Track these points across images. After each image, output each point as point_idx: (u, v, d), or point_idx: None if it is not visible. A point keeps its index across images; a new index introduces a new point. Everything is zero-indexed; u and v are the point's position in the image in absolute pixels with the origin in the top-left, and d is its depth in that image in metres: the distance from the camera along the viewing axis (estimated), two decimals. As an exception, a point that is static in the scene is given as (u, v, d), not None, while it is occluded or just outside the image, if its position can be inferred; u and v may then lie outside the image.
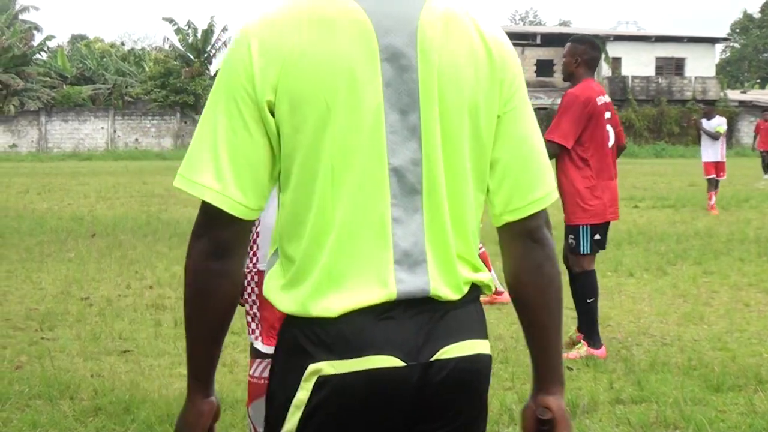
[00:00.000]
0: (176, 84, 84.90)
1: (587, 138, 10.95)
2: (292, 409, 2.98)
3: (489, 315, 12.34)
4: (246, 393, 6.91)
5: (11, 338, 11.89)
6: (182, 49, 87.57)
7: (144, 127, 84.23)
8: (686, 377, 10.03)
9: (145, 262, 18.34)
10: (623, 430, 8.31)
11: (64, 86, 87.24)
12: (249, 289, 6.92)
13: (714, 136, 28.69)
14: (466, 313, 3.09)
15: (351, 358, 2.90)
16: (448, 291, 3.00)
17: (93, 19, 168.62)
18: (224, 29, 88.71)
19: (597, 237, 11.12)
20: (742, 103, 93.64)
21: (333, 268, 2.90)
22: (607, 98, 11.27)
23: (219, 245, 2.97)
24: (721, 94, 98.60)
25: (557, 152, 10.86)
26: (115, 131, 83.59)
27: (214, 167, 2.89)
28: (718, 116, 29.74)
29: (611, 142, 11.27)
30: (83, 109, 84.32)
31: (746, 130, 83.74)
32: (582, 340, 11.12)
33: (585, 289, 11.20)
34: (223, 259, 2.97)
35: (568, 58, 11.27)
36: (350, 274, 2.91)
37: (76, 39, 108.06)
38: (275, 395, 3.10)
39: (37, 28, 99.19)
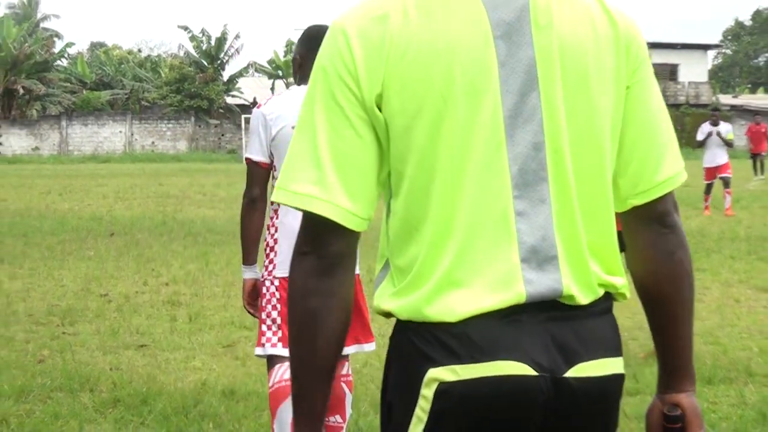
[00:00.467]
0: (191, 89, 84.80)
1: None
2: (414, 420, 2.62)
3: None
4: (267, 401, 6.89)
5: (34, 333, 11.90)
6: (196, 56, 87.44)
7: (160, 131, 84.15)
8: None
9: (161, 260, 18.35)
10: (622, 423, 8.29)
11: (84, 91, 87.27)
12: (267, 296, 6.64)
13: (729, 144, 28.60)
14: (600, 324, 2.75)
15: (477, 362, 2.55)
16: (581, 292, 2.65)
17: (111, 26, 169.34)
18: (237, 36, 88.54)
19: None
20: (733, 107, 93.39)
21: (453, 271, 2.55)
22: None
23: (328, 261, 2.58)
24: (714, 98, 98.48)
25: None
26: (132, 135, 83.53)
27: (317, 173, 2.54)
28: (723, 122, 29.43)
29: None
30: (102, 113, 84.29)
31: (737, 133, 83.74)
32: None
33: None
34: (334, 277, 2.59)
35: None
36: (472, 275, 2.56)
37: (95, 46, 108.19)
38: (393, 407, 2.74)
39: (58, 35, 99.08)
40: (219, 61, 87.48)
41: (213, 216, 27.86)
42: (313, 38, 6.60)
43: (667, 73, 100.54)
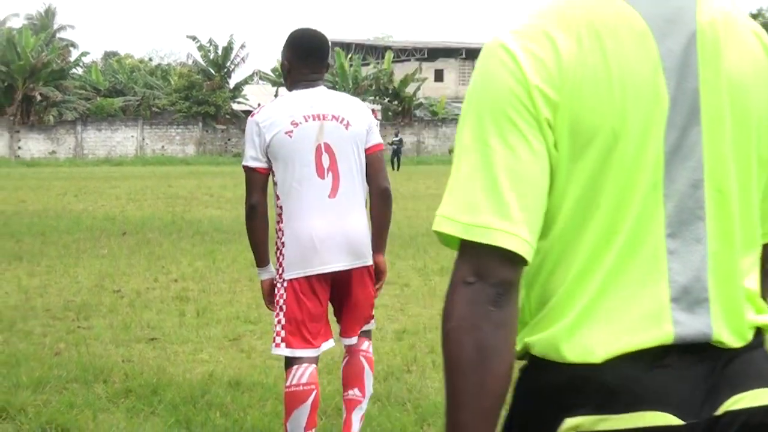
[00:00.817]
0: (199, 96, 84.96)
1: None
2: None
3: None
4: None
5: (51, 327, 11.91)
6: (204, 65, 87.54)
7: (170, 136, 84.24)
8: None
9: (170, 257, 18.36)
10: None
11: (98, 98, 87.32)
12: (278, 298, 6.50)
13: None
14: (753, 358, 2.44)
15: (618, 413, 2.26)
16: (731, 337, 2.37)
17: (124, 36, 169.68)
18: (242, 46, 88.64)
19: None
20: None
21: (595, 305, 2.29)
22: None
23: (498, 290, 2.20)
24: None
25: None
26: (143, 139, 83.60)
27: (496, 202, 2.17)
28: None
29: None
30: (115, 119, 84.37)
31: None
32: None
33: None
34: (504, 307, 2.21)
35: None
36: (617, 311, 2.29)
37: (108, 55, 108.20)
38: None
39: (74, 45, 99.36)
40: (225, 70, 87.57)
41: (220, 216, 27.87)
42: (299, 43, 6.61)
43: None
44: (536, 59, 2.22)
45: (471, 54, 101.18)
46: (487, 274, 2.21)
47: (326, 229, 6.25)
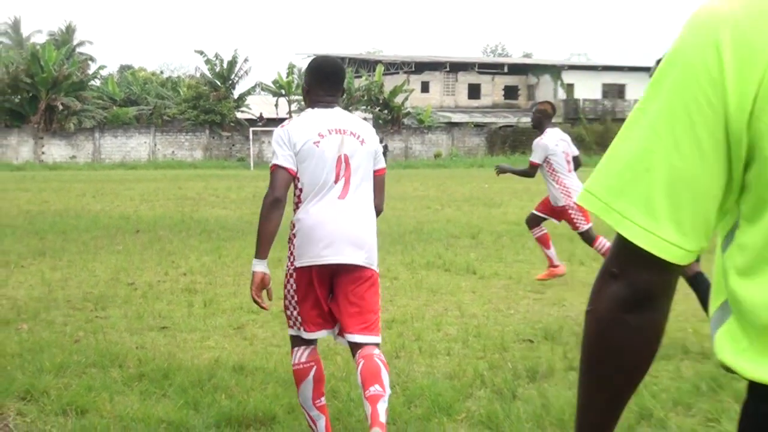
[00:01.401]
0: (206, 106, 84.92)
1: None
2: None
3: (474, 302, 12.28)
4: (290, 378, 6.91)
5: (71, 317, 11.91)
6: (210, 77, 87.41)
7: (179, 142, 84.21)
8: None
9: (179, 253, 18.34)
10: (575, 393, 8.30)
11: (114, 108, 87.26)
12: (287, 284, 6.73)
13: None
14: None
15: None
16: None
17: (138, 51, 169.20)
18: (245, 60, 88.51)
19: None
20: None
21: None
22: None
23: (639, 292, 2.00)
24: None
25: None
26: (155, 145, 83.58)
27: (644, 195, 1.91)
28: None
29: None
30: (129, 126, 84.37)
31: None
32: None
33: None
34: (643, 312, 2.01)
35: None
36: None
37: (123, 68, 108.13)
38: None
39: (92, 59, 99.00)
40: (230, 82, 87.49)
41: (225, 215, 27.85)
42: (317, 69, 6.93)
43: (616, 92, 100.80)
44: (744, 42, 1.87)
45: (454, 67, 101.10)
46: (629, 271, 2.01)
47: (333, 226, 6.46)
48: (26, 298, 13.14)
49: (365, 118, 69.49)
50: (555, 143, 14.31)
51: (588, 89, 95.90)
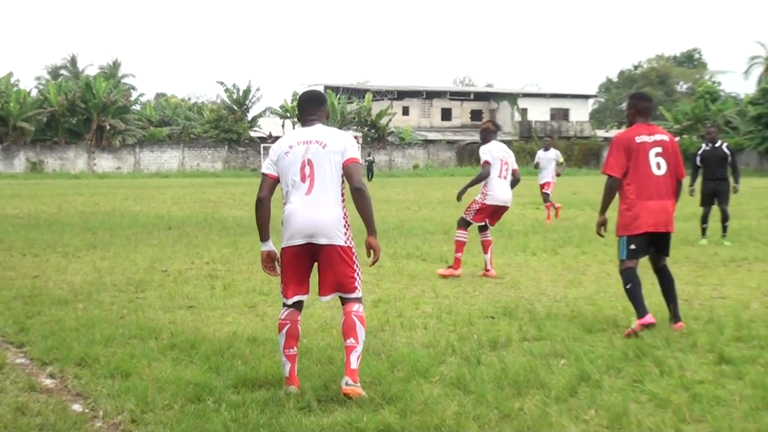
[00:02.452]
0: (225, 126, 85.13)
1: (631, 167, 9.61)
2: None
3: (447, 285, 12.22)
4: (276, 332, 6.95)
5: (117, 298, 11.89)
6: (229, 103, 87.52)
7: (203, 155, 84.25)
8: (569, 323, 10.04)
9: (203, 246, 18.29)
10: (528, 359, 8.30)
11: (151, 127, 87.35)
12: (279, 261, 7.35)
13: (560, 165, 27.25)
14: None
15: None
16: None
17: (170, 81, 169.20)
18: (258, 89, 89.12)
19: (632, 246, 9.83)
20: (605, 138, 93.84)
21: None
22: (656, 137, 9.67)
23: None
24: (593, 132, 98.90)
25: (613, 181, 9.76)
26: (183, 158, 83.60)
27: None
28: (553, 149, 27.44)
29: (661, 171, 9.64)
30: (163, 143, 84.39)
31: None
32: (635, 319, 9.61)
33: (627, 280, 9.78)
34: None
35: (629, 109, 9.96)
36: None
37: (158, 95, 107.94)
38: None
39: (134, 88, 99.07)
40: (245, 106, 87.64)
41: (241, 215, 27.82)
42: (301, 98, 7.69)
43: (561, 115, 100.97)
44: None
45: (429, 95, 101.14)
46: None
47: (302, 215, 7.06)
48: (81, 283, 13.11)
49: (355, 136, 69.68)
50: (497, 150, 14.35)
51: (539, 113, 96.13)
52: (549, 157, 26.64)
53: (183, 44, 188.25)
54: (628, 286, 9.74)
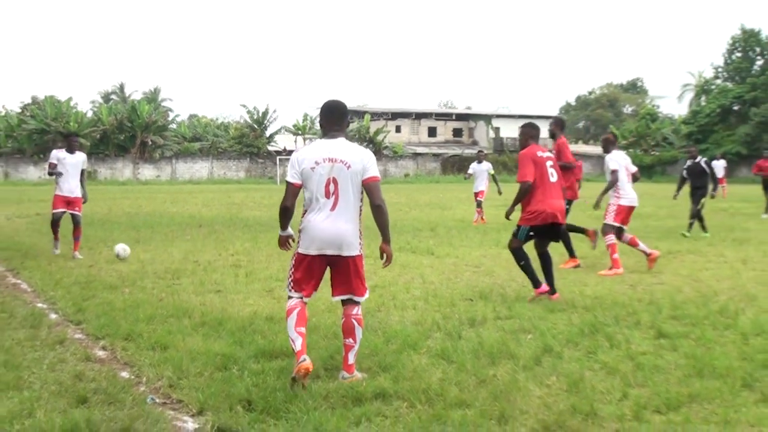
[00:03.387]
0: (247, 142, 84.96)
1: (537, 176, 10.54)
2: None
3: (433, 273, 12.11)
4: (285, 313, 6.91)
5: (157, 283, 11.88)
6: (250, 122, 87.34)
7: (228, 166, 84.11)
8: (535, 305, 10.06)
9: (229, 241, 18.27)
10: (500, 334, 8.30)
11: (185, 143, 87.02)
12: (292, 260, 6.95)
13: (494, 176, 26.00)
14: None
15: None
16: None
17: (201, 104, 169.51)
18: (274, 111, 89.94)
19: (531, 233, 10.73)
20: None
21: None
22: (546, 154, 10.80)
23: None
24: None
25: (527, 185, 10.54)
26: (212, 168, 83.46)
27: None
28: (485, 161, 26.59)
29: (554, 178, 10.67)
30: (195, 156, 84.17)
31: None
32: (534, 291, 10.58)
33: (517, 255, 10.71)
34: None
35: (522, 136, 11.00)
36: None
37: (191, 116, 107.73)
38: None
39: (171, 110, 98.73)
40: (263, 125, 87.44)
41: (260, 215, 27.78)
42: (324, 108, 7.02)
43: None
44: None
45: (418, 116, 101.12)
46: None
47: (324, 230, 6.64)
48: (127, 271, 13.10)
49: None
50: (621, 158, 14.20)
51: (510, 130, 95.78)
52: (482, 169, 26.03)
53: (212, 73, 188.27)
54: (522, 263, 10.66)
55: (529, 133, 10.94)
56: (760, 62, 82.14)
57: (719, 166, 44.85)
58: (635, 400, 6.16)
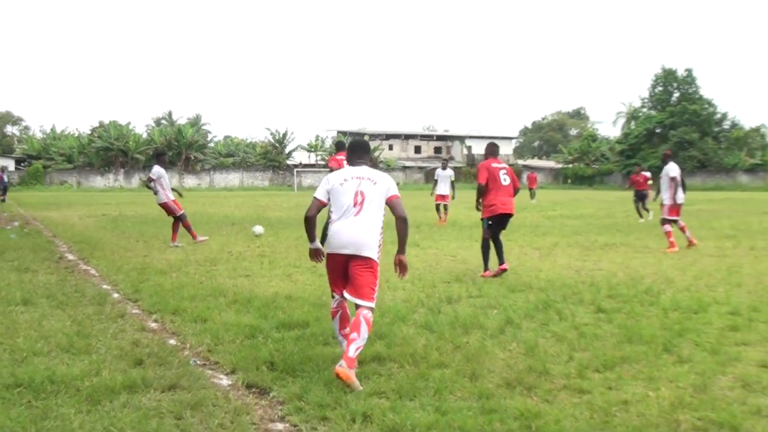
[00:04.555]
0: (270, 157, 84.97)
1: (491, 180, 11.39)
2: None
3: (417, 261, 12.07)
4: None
5: (198, 269, 11.83)
6: (273, 142, 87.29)
7: (256, 176, 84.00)
8: (500, 286, 10.05)
9: (255, 236, 18.25)
10: (472, 309, 8.29)
11: (220, 158, 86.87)
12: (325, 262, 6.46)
13: (452, 182, 24.19)
14: None
15: None
16: None
17: (234, 126, 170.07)
18: (292, 133, 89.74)
19: (490, 223, 11.44)
20: (524, 165, 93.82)
21: None
22: (502, 165, 11.62)
23: None
24: (515, 161, 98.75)
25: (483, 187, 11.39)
26: (242, 178, 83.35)
27: None
28: (449, 168, 24.73)
29: (506, 182, 11.47)
30: (229, 168, 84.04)
31: (524, 180, 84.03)
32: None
33: (483, 246, 11.47)
34: None
35: (485, 153, 11.91)
36: None
37: (226, 137, 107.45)
38: None
39: (210, 132, 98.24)
40: (283, 144, 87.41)
41: (280, 215, 27.73)
42: (350, 145, 6.69)
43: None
44: None
45: (406, 137, 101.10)
46: None
47: (348, 233, 6.18)
48: (174, 260, 13.06)
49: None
50: (676, 169, 15.26)
51: (480, 148, 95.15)
52: (446, 175, 24.87)
53: (243, 102, 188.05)
54: (483, 248, 11.45)
55: (489, 149, 11.85)
56: (676, 95, 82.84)
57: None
58: (579, 362, 6.17)
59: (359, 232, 6.22)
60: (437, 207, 23.65)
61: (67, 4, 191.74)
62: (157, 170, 15.75)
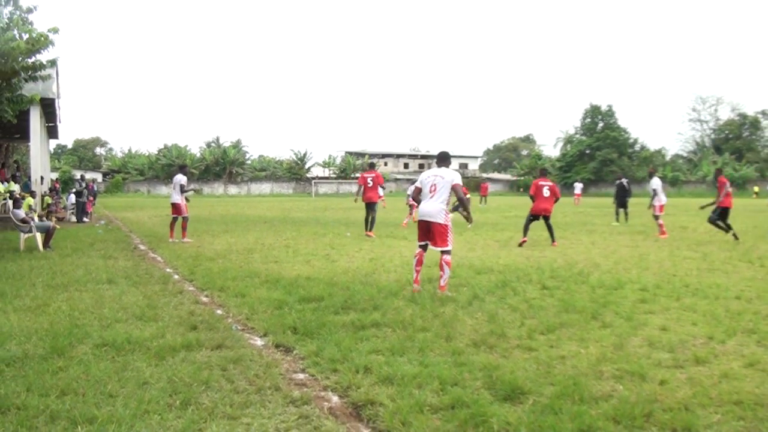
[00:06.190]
0: (293, 171, 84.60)
1: (537, 192, 13.73)
2: None
3: (407, 251, 11.96)
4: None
5: (238, 257, 11.75)
6: (296, 159, 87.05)
7: (282, 186, 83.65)
8: (469, 269, 10.01)
9: (282, 231, 18.11)
10: (448, 287, 8.31)
11: (255, 172, 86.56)
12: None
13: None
14: None
15: None
16: None
17: (268, 146, 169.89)
18: (310, 153, 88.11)
19: (531, 217, 13.80)
20: (487, 177, 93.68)
21: None
22: (549, 182, 13.72)
23: None
24: (481, 175, 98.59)
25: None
26: (272, 187, 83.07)
27: None
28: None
29: (546, 194, 13.65)
30: (262, 179, 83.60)
31: (490, 189, 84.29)
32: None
33: (525, 223, 13.86)
34: None
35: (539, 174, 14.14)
36: None
37: (260, 156, 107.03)
38: None
39: (247, 151, 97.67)
40: (303, 161, 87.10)
41: (301, 216, 27.61)
42: (438, 155, 8.13)
43: (465, 166, 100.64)
44: None
45: (398, 156, 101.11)
46: None
47: (427, 207, 7.76)
48: (220, 249, 13.01)
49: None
50: (658, 182, 17.21)
51: (454, 166, 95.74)
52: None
53: (273, 129, 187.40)
54: (525, 225, 13.89)
55: (540, 172, 14.18)
56: (601, 124, 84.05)
57: (578, 187, 45.08)
58: (528, 327, 6.18)
59: (432, 207, 7.69)
60: (410, 208, 23.72)
61: (138, 51, 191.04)
62: (180, 177, 15.44)
